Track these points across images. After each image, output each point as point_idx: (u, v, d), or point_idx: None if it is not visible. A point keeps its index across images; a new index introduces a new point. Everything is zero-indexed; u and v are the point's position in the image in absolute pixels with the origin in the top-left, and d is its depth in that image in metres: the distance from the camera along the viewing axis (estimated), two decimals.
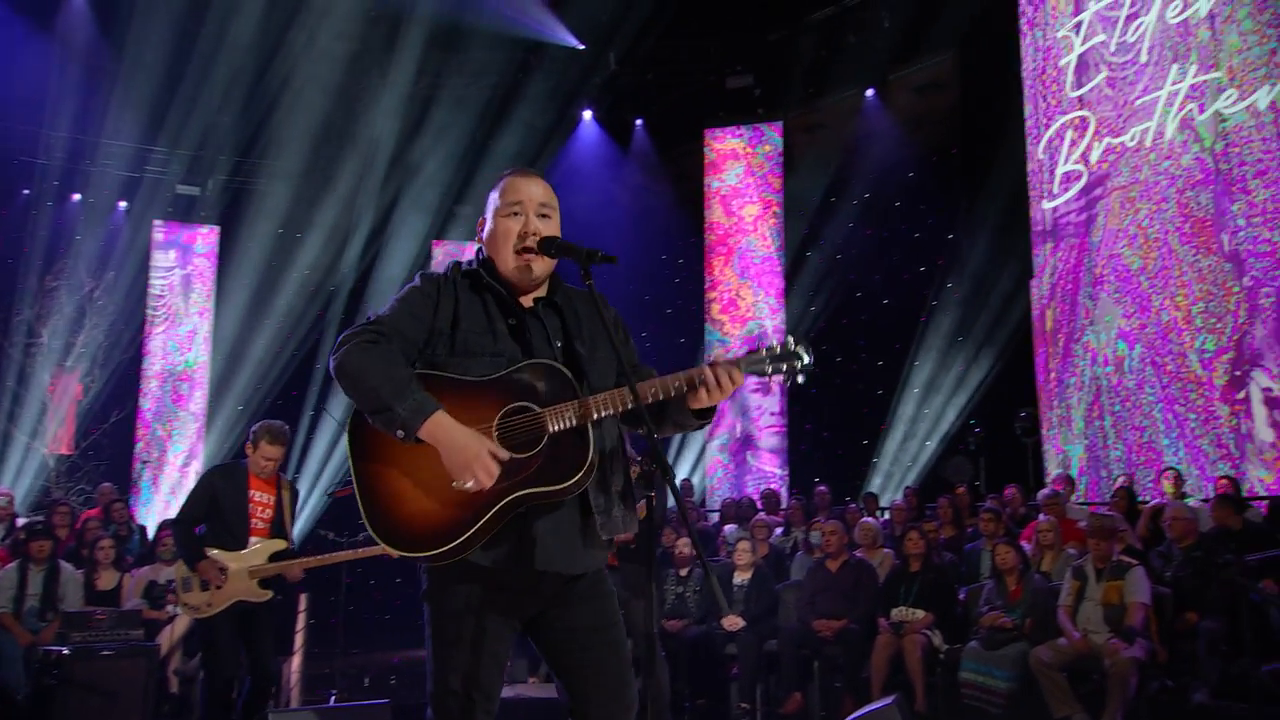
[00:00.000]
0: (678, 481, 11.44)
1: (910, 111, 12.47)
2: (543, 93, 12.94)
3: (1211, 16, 8.90)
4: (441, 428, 2.20)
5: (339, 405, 11.32)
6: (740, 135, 12.92)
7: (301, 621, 6.94)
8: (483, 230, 2.51)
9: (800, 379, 2.38)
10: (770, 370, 2.36)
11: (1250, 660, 5.42)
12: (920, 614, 6.69)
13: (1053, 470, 9.54)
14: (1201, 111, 8.91)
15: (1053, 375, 9.87)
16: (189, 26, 11.94)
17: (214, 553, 4.97)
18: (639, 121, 13.51)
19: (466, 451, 2.18)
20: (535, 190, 2.46)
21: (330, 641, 6.87)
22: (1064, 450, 9.69)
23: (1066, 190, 10.03)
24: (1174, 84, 9.16)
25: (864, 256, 12.65)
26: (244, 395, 13.27)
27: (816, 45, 12.45)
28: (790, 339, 2.37)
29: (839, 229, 12.79)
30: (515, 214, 2.43)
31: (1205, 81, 8.93)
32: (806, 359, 2.36)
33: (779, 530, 9.04)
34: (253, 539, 5.09)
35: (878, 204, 12.51)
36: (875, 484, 11.37)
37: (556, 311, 2.50)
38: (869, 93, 12.46)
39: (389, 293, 13.38)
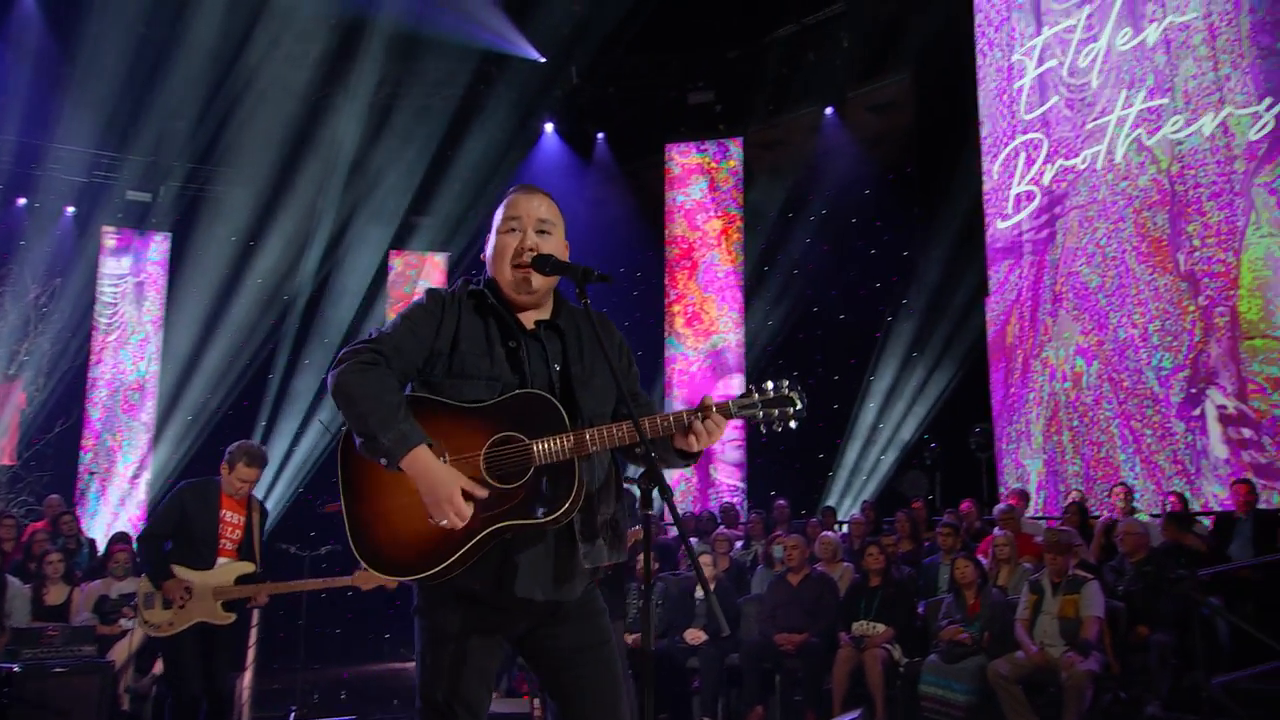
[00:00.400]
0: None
1: (868, 130, 12.67)
2: (504, 104, 12.92)
3: (1163, 43, 9.15)
4: (419, 462, 2.21)
5: (331, 413, 11.19)
6: (705, 150, 13.02)
7: (253, 637, 6.85)
8: (486, 249, 2.51)
9: (793, 424, 2.38)
10: (762, 414, 2.35)
11: (1201, 673, 5.55)
12: (881, 628, 6.76)
13: (1011, 484, 9.69)
14: (1151, 136, 9.15)
15: (1012, 390, 10.04)
16: (143, 31, 11.75)
17: (179, 571, 4.88)
18: (600, 135, 13.55)
19: (439, 490, 2.19)
20: (535, 206, 2.47)
21: (285, 657, 6.77)
22: (1023, 465, 9.86)
23: (1020, 210, 10.24)
24: (1124, 109, 9.41)
25: (821, 272, 12.80)
26: (194, 406, 13.04)
27: (777, 63, 12.60)
28: (784, 383, 2.37)
29: (797, 245, 12.94)
30: (513, 230, 2.44)
31: (1154, 107, 9.18)
32: (800, 405, 2.37)
33: (739, 544, 9.09)
34: (220, 559, 4.99)
35: (835, 221, 12.67)
36: (832, 498, 11.48)
37: (558, 334, 2.49)
38: (828, 111, 12.62)
39: (346, 304, 13.44)
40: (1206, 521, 7.99)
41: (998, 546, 7.29)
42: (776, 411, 2.36)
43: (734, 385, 12.41)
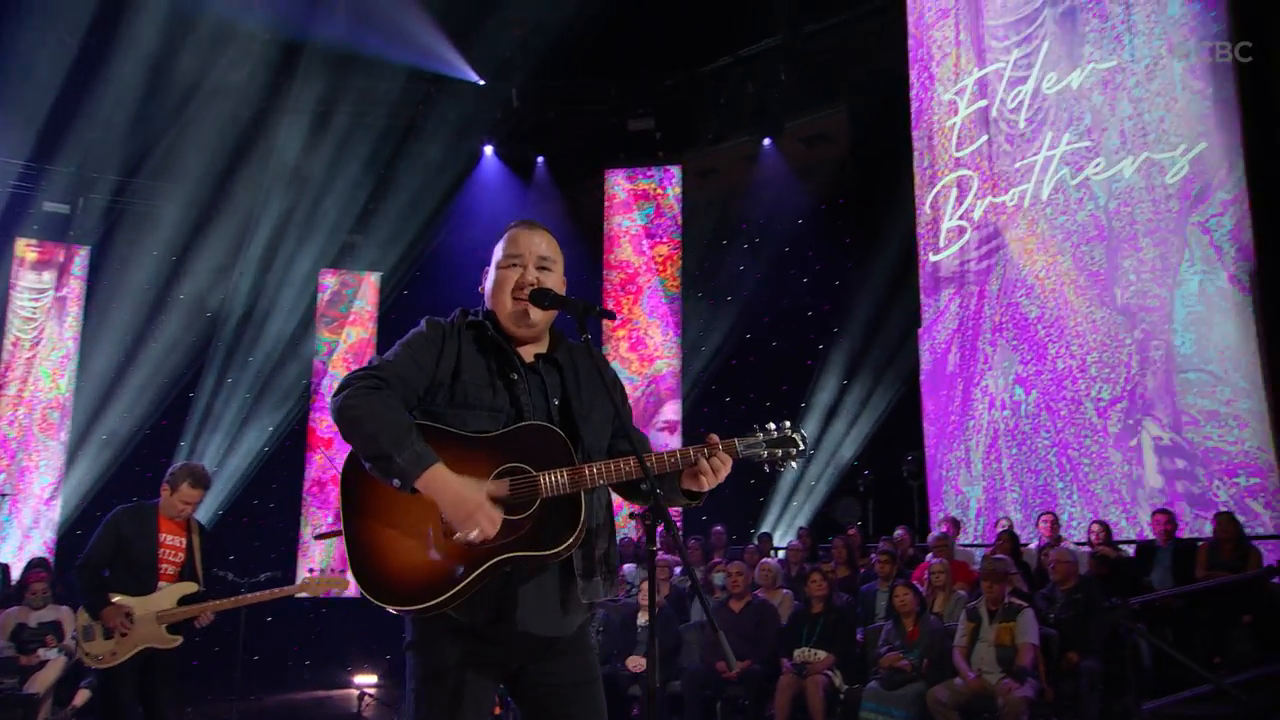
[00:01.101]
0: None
1: (801, 161, 12.92)
2: (444, 125, 12.86)
3: (1092, 87, 9.51)
4: (439, 479, 2.19)
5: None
6: (644, 176, 13.11)
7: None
8: (485, 282, 2.52)
9: (794, 465, 2.48)
10: (766, 454, 2.44)
11: (1132, 699, 5.75)
12: (822, 655, 6.86)
13: (951, 511, 9.89)
14: (1075, 176, 9.51)
15: (953, 418, 10.24)
16: (69, 42, 11.42)
17: (119, 598, 4.73)
18: (540, 158, 13.57)
19: (469, 502, 2.19)
20: (536, 242, 2.50)
21: (221, 687, 6.60)
22: (963, 491, 10.06)
23: (952, 245, 10.53)
24: (1049, 150, 9.76)
25: (755, 299, 12.97)
26: (112, 425, 12.63)
27: (716, 92, 12.78)
28: (786, 424, 2.45)
29: (732, 272, 13.10)
30: (514, 265, 2.47)
31: (1079, 148, 9.54)
32: (802, 445, 2.47)
33: (678, 570, 9.12)
34: (161, 584, 4.86)
35: (769, 249, 12.87)
36: (767, 524, 11.59)
37: (557, 368, 2.51)
38: (766, 142, 12.85)
39: (275, 322, 13.19)
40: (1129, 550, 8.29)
41: (934, 574, 7.45)
42: (780, 451, 2.45)
43: (669, 412, 12.45)
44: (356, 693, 9.25)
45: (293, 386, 13.24)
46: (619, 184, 13.16)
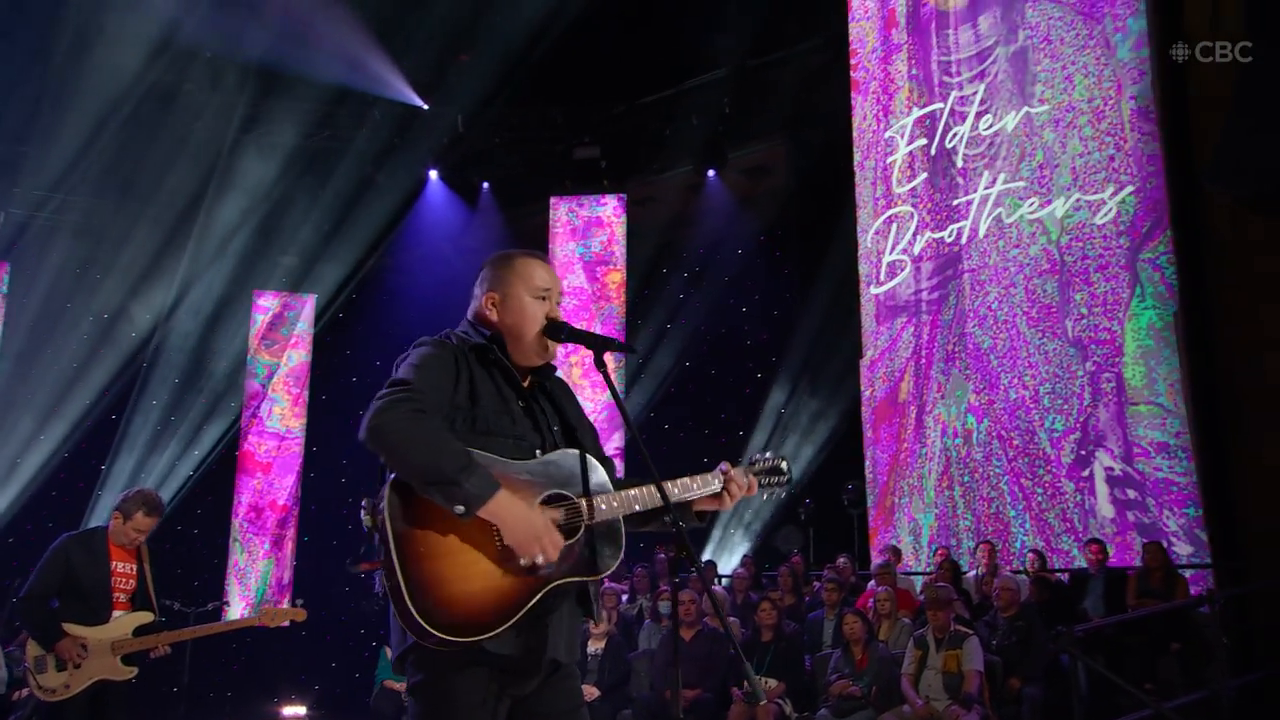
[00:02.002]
0: None
1: (742, 192, 13.13)
2: (387, 148, 12.75)
3: (1018, 132, 9.86)
4: (505, 504, 2.19)
5: None
6: (589, 204, 13.16)
7: None
8: (496, 308, 2.52)
9: (781, 494, 2.66)
10: (762, 481, 2.64)
11: None
12: (773, 683, 6.91)
13: (905, 537, 10.05)
14: (1009, 216, 9.83)
15: (905, 445, 10.39)
16: None
17: (72, 629, 4.57)
18: (485, 184, 13.54)
19: (535, 526, 2.20)
20: (557, 280, 2.58)
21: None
22: (915, 518, 10.20)
23: (894, 278, 10.77)
24: (985, 188, 10.08)
25: (695, 329, 13.09)
26: (26, 447, 12.15)
27: (661, 123, 12.92)
28: (769, 454, 2.66)
29: (672, 301, 13.20)
30: (544, 298, 2.51)
31: (1010, 189, 9.87)
32: (787, 473, 2.68)
33: (624, 598, 9.11)
34: (115, 612, 4.70)
35: (709, 278, 13.02)
36: (709, 552, 11.65)
37: (548, 397, 2.57)
38: (710, 173, 13.03)
39: (206, 343, 12.87)
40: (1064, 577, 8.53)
41: (879, 601, 7.57)
42: (775, 479, 2.66)
43: (616, 440, 12.43)
44: None
45: (221, 410, 12.92)
46: (564, 211, 13.19)
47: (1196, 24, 9.42)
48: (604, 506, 2.34)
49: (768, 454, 2.68)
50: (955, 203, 10.35)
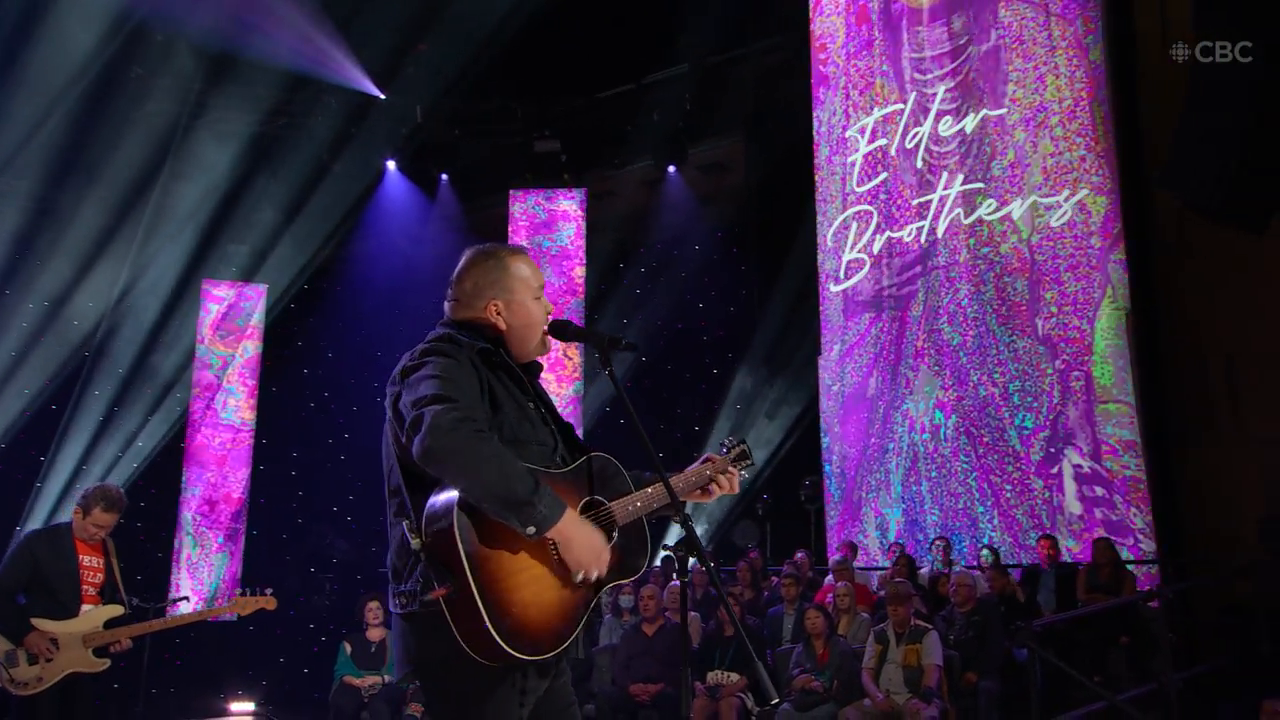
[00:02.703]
0: None
1: (702, 188, 13.17)
2: (342, 137, 12.56)
3: (979, 133, 10.01)
4: (572, 523, 2.22)
5: None
6: (548, 198, 13.10)
7: None
8: (503, 314, 2.48)
9: (745, 475, 2.76)
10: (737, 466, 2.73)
11: (1035, 718, 6.02)
12: (735, 677, 6.96)
13: (871, 532, 10.14)
14: (967, 216, 9.97)
15: (873, 440, 10.45)
16: None
17: (41, 624, 4.58)
18: (444, 176, 13.42)
19: (597, 547, 2.25)
20: (540, 273, 2.58)
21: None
22: (882, 513, 10.28)
23: (852, 276, 10.87)
24: (944, 189, 10.22)
25: (651, 324, 13.09)
26: None
27: (622, 118, 12.90)
28: (731, 439, 2.75)
29: (630, 296, 13.20)
30: (538, 298, 2.52)
31: (972, 189, 10.02)
32: (750, 459, 2.76)
33: None
34: (85, 606, 4.73)
35: (667, 274, 13.04)
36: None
37: (540, 396, 2.57)
38: (670, 168, 13.05)
39: (152, 330, 12.57)
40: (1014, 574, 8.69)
41: (838, 597, 7.66)
42: (744, 464, 2.74)
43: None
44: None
45: (167, 401, 12.64)
46: (523, 204, 13.12)
47: (1148, 25, 9.67)
48: (631, 508, 2.39)
49: (731, 439, 2.77)
50: (914, 203, 10.47)
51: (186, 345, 12.64)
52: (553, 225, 12.99)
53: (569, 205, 13.06)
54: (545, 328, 2.49)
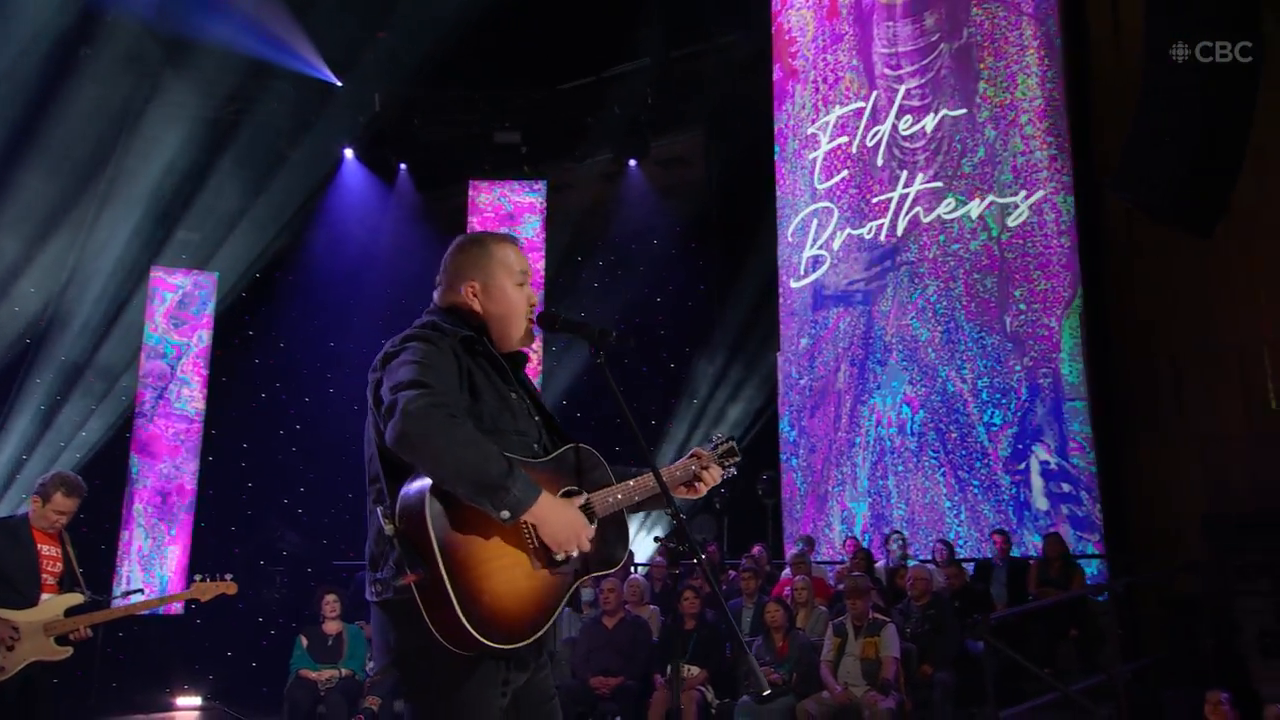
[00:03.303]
0: None
1: (661, 183, 13.18)
2: (299, 124, 12.36)
3: (946, 131, 10.12)
4: (547, 504, 2.18)
5: None
6: (508, 190, 13.02)
7: None
8: (478, 296, 2.46)
9: (734, 472, 2.75)
10: (725, 464, 2.71)
11: (991, 709, 6.13)
12: (696, 670, 6.98)
13: (837, 526, 10.22)
14: (927, 214, 10.10)
15: (840, 434, 10.50)
16: None
17: (1, 613, 4.51)
18: (402, 166, 13.27)
19: (573, 523, 2.21)
20: (528, 263, 2.55)
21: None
22: (848, 507, 10.35)
23: (814, 271, 10.95)
24: (904, 187, 10.33)
25: (610, 319, 13.08)
26: None
27: (583, 111, 12.87)
28: (720, 435, 2.76)
29: (586, 290, 13.18)
30: (522, 284, 2.49)
31: (933, 189, 10.14)
32: (738, 455, 2.75)
33: None
34: (44, 595, 4.67)
35: (625, 268, 13.04)
36: None
37: (524, 387, 2.53)
38: (631, 162, 13.04)
39: (93, 318, 12.26)
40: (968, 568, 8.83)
41: (796, 590, 7.71)
42: (732, 460, 2.71)
43: None
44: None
45: (112, 390, 12.36)
46: (483, 195, 13.02)
47: (1099, 28, 9.87)
48: (611, 500, 2.35)
49: (720, 435, 2.76)
50: (874, 200, 10.57)
51: (134, 334, 12.37)
52: (518, 218, 12.92)
53: (534, 198, 13.00)
54: (531, 318, 2.45)
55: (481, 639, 2.08)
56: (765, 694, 6.56)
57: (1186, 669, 7.40)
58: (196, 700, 11.33)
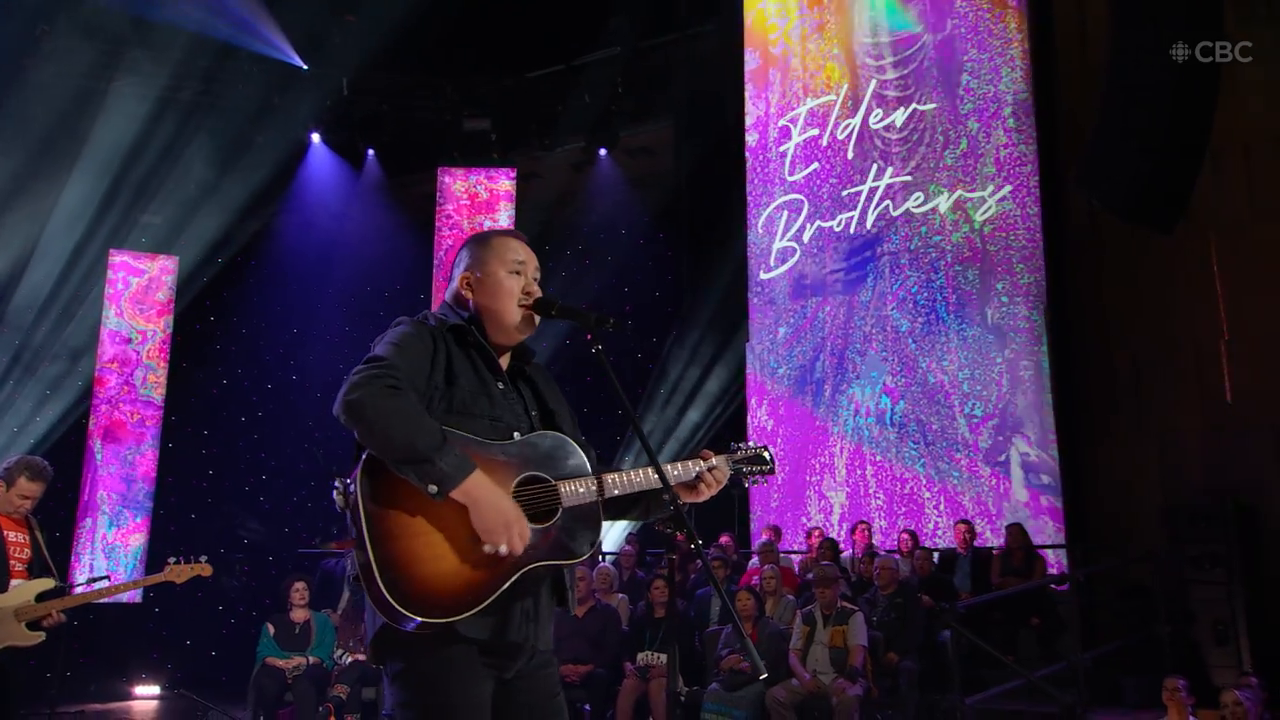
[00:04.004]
0: None
1: (632, 172, 13.18)
2: (264, 107, 12.18)
3: (926, 123, 10.20)
4: (480, 486, 2.14)
5: None
6: (477, 177, 12.94)
7: None
8: (473, 287, 2.48)
9: (763, 481, 2.67)
10: (746, 470, 2.60)
11: (957, 695, 6.24)
12: (664, 658, 7.00)
13: (814, 515, 10.29)
14: (897, 208, 10.19)
15: (818, 424, 10.56)
16: None
17: None
18: (370, 151, 13.14)
19: (506, 514, 2.15)
20: (533, 256, 2.53)
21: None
22: (826, 496, 10.41)
23: (783, 264, 11.01)
24: (874, 181, 10.42)
25: (577, 308, 13.01)
26: None
27: (553, 99, 12.82)
28: (753, 443, 2.64)
29: (556, 279, 13.13)
30: (518, 273, 2.47)
31: (896, 183, 10.24)
32: (771, 462, 2.65)
33: None
34: (14, 581, 4.61)
35: (594, 258, 13.02)
36: None
37: (527, 382, 2.53)
38: (601, 151, 13.02)
39: (50, 302, 12.00)
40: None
41: (765, 579, 7.78)
42: (757, 468, 2.62)
43: None
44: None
45: (69, 375, 12.13)
46: (451, 182, 12.94)
47: (1067, 27, 10.01)
48: (581, 490, 2.30)
49: (750, 443, 2.66)
50: (844, 193, 10.64)
51: (93, 318, 12.14)
52: (487, 205, 12.85)
53: (509, 185, 12.96)
54: (525, 304, 2.43)
55: (396, 605, 2.07)
56: (763, 676, 6.59)
57: (1144, 656, 7.56)
58: (155, 689, 11.18)
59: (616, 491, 2.34)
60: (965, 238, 9.83)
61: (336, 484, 2.23)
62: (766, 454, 2.64)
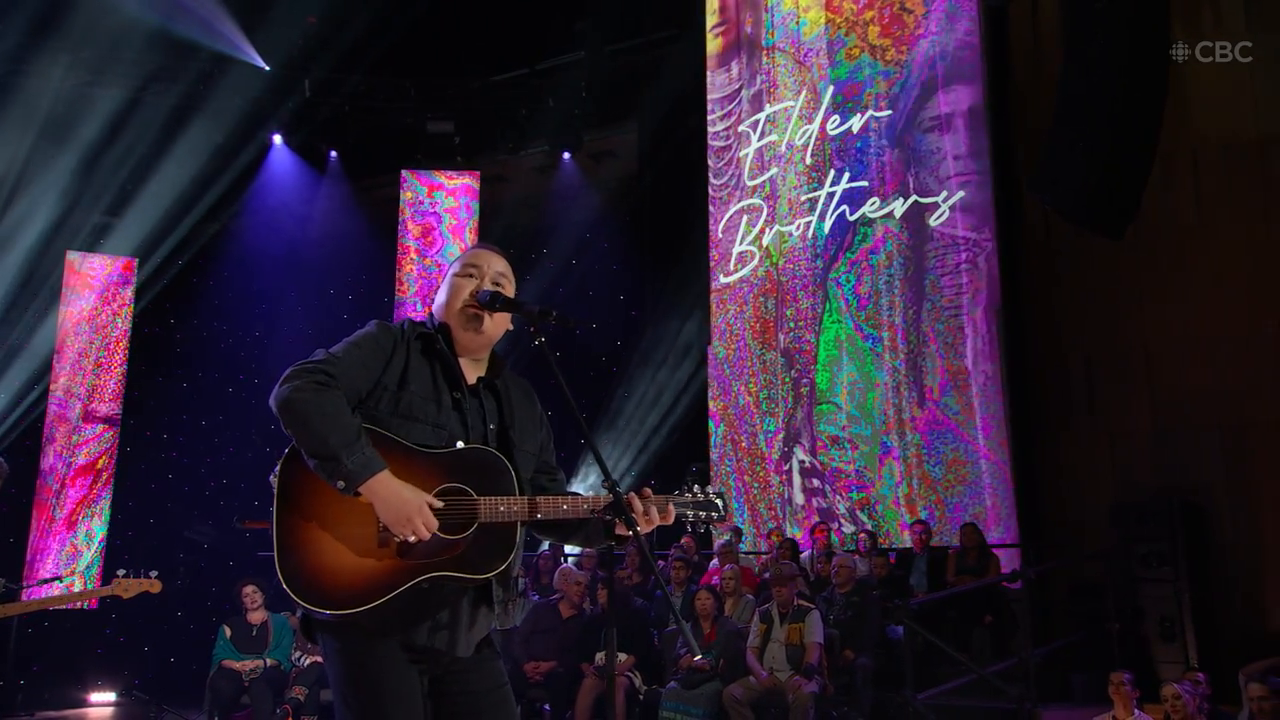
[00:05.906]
0: None
1: (594, 176, 13.22)
2: (225, 108, 12.09)
3: (863, 133, 10.36)
4: (384, 485, 2.20)
5: None
6: (441, 180, 12.94)
7: None
8: (440, 295, 2.54)
9: (714, 528, 2.69)
10: (691, 515, 2.56)
11: (909, 691, 6.34)
12: (624, 657, 7.07)
13: (780, 515, 10.45)
14: (853, 213, 10.32)
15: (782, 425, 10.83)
16: None
17: None
18: (333, 153, 13.09)
19: (408, 505, 2.19)
20: (495, 261, 2.56)
21: None
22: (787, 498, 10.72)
23: (742, 268, 11.11)
24: (830, 186, 10.54)
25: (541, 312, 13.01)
26: None
27: (517, 103, 12.84)
28: (709, 489, 2.60)
29: (517, 282, 13.11)
30: (471, 276, 2.51)
31: (858, 188, 10.36)
32: (722, 511, 2.60)
33: None
34: None
35: (557, 261, 13.04)
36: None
37: (495, 395, 2.55)
38: (565, 155, 13.05)
39: (7, 306, 11.83)
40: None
41: (725, 579, 7.85)
42: (704, 514, 2.59)
43: None
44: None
45: (19, 374, 11.96)
46: (415, 185, 12.92)
47: (1021, 34, 10.19)
48: (503, 509, 2.31)
49: (709, 489, 2.61)
50: (804, 199, 10.75)
51: (49, 321, 11.99)
52: (450, 209, 12.85)
53: (473, 188, 12.96)
54: (469, 301, 2.45)
55: (289, 590, 2.16)
56: (698, 659, 6.66)
57: (1093, 652, 7.71)
58: (111, 695, 11.05)
59: (540, 516, 2.35)
60: (919, 241, 9.98)
61: (276, 470, 2.29)
62: (719, 501, 2.59)
